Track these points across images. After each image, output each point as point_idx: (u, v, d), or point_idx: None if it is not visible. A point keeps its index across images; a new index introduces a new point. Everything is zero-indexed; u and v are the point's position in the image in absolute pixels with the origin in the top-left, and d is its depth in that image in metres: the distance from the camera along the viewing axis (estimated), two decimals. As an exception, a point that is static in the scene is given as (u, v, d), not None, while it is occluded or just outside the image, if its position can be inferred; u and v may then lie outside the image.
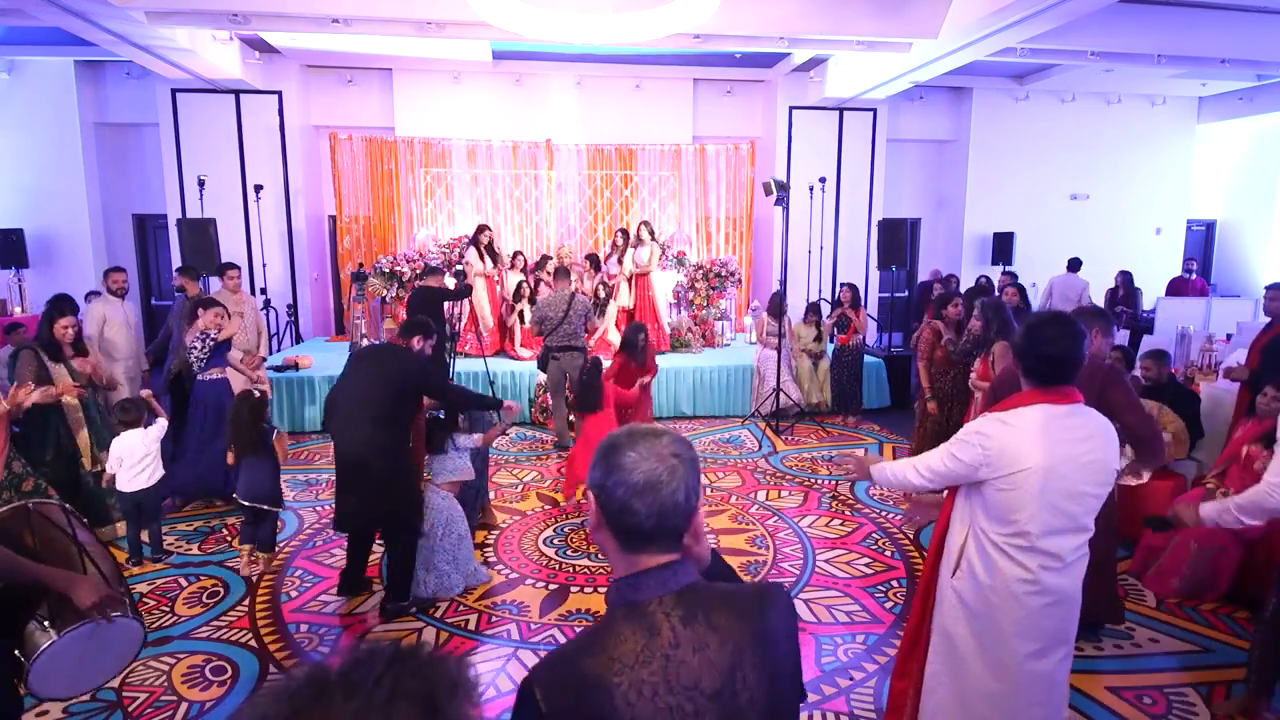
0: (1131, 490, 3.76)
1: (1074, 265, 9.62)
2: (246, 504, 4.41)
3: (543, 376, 7.23)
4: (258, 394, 4.59)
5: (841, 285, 8.33)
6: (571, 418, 7.04)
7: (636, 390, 5.87)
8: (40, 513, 2.48)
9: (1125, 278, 9.89)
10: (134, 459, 4.50)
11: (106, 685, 2.52)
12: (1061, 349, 2.12)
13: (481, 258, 8.51)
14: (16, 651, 2.17)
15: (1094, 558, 2.32)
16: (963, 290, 7.74)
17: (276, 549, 4.65)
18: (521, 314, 8.44)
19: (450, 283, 6.99)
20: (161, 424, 4.66)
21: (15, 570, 2.09)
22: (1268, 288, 5.46)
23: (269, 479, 4.45)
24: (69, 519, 2.54)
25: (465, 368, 7.68)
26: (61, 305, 4.93)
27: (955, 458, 2.22)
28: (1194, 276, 10.43)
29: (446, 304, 7.20)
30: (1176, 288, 10.22)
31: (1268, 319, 5.37)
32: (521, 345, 8.49)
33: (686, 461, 1.17)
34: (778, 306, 7.67)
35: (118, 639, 2.31)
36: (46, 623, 2.15)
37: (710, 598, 1.17)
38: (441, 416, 4.47)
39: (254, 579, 4.40)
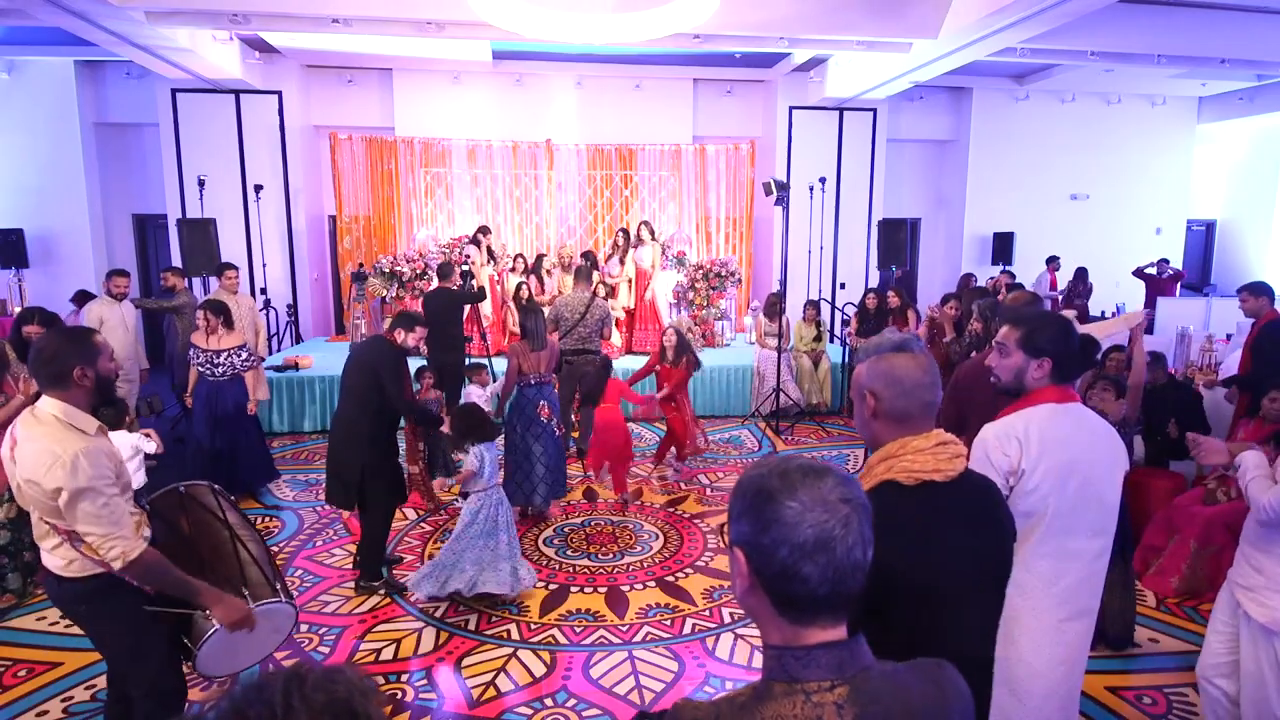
0: (1133, 490, 3.75)
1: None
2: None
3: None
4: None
5: (888, 290, 8.00)
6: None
7: (645, 397, 6.04)
8: (192, 495, 2.69)
9: (1079, 272, 10.28)
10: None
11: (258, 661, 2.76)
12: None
13: (484, 260, 8.50)
14: (185, 639, 2.47)
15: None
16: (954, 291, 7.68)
17: (277, 549, 4.65)
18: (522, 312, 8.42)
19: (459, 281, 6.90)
20: (150, 445, 4.36)
21: (172, 583, 2.33)
22: (1238, 290, 5.34)
23: None
24: (218, 500, 2.74)
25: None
26: (35, 312, 4.84)
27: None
28: (1165, 275, 10.36)
29: (466, 308, 6.93)
30: (1156, 287, 10.27)
31: (1250, 320, 5.33)
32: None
33: (859, 507, 0.96)
34: (773, 307, 7.65)
35: (271, 623, 2.59)
36: (209, 613, 2.41)
37: (889, 693, 0.96)
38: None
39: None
